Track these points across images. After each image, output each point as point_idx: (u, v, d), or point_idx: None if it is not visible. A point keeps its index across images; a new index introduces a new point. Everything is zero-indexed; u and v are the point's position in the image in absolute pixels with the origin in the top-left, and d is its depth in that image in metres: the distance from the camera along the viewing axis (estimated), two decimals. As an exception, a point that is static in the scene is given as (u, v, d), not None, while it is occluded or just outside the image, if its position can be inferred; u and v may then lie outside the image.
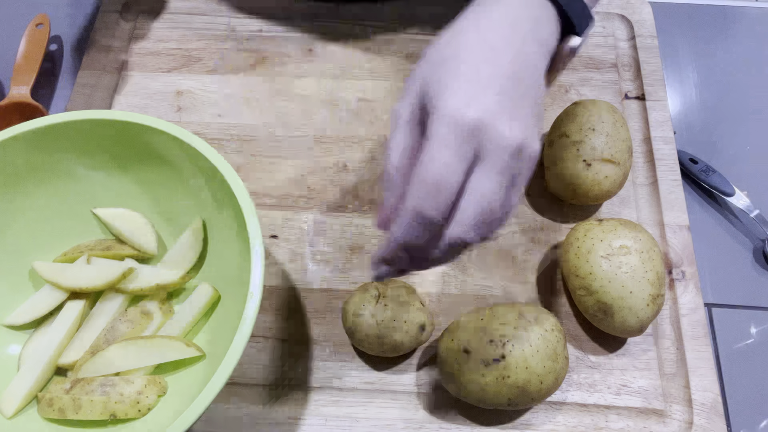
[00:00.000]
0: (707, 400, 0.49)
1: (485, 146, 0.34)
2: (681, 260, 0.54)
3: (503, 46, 0.37)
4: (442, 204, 0.34)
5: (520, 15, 0.39)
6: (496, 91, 0.35)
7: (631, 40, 0.66)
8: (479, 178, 0.34)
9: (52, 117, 0.47)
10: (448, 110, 0.34)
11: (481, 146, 0.34)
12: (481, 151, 0.34)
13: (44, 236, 0.51)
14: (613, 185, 0.53)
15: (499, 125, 0.34)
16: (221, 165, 0.45)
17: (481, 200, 0.34)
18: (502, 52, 0.37)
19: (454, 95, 0.35)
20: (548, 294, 0.53)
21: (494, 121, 0.34)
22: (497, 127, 0.34)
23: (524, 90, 0.37)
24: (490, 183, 0.34)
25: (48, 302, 0.49)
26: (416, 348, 0.50)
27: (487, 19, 0.39)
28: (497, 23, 0.38)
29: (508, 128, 0.34)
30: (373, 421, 0.48)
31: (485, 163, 0.34)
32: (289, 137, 0.61)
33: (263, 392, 0.49)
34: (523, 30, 0.39)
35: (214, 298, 0.49)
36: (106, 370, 0.46)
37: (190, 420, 0.37)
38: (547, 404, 0.49)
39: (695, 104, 0.66)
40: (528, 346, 0.44)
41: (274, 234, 0.56)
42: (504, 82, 0.36)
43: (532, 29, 0.39)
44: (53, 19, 0.67)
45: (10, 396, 0.45)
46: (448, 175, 0.34)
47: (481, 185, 0.34)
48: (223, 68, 0.65)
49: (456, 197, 0.35)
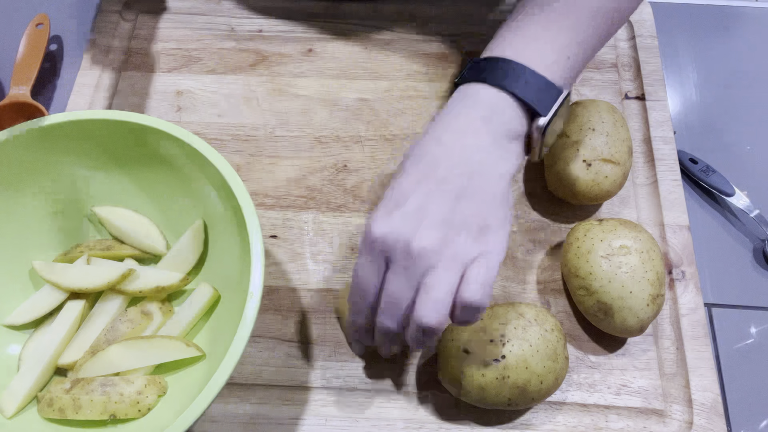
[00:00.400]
0: (707, 400, 0.49)
1: (391, 256, 0.40)
2: (681, 260, 0.54)
3: (442, 151, 0.42)
4: (370, 298, 0.42)
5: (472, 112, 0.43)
6: (409, 205, 0.41)
7: (631, 40, 0.66)
8: (386, 279, 0.41)
9: (52, 117, 0.47)
10: (366, 229, 0.41)
11: (389, 255, 0.41)
12: (389, 259, 0.41)
13: (44, 236, 0.51)
14: (613, 185, 0.53)
15: (400, 239, 0.40)
16: (221, 165, 0.45)
17: (386, 296, 0.41)
18: (439, 156, 0.42)
19: (373, 216, 0.42)
20: (548, 294, 0.53)
21: (395, 236, 0.40)
22: (397, 241, 0.40)
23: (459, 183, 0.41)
24: (391, 286, 0.41)
25: (48, 302, 0.49)
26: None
27: (442, 125, 0.44)
28: (447, 128, 0.43)
29: (410, 241, 0.40)
30: (373, 421, 0.48)
31: (390, 270, 0.41)
32: (289, 137, 0.61)
33: (263, 392, 0.49)
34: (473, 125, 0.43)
35: (214, 298, 0.49)
36: (106, 370, 0.46)
37: (190, 420, 0.37)
38: (547, 404, 0.49)
39: (695, 104, 0.66)
40: (528, 346, 0.44)
41: (274, 234, 0.56)
42: (427, 192, 0.41)
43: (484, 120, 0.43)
44: (53, 19, 0.67)
45: (10, 396, 0.45)
46: (365, 278, 0.42)
47: (386, 286, 0.41)
48: (223, 68, 0.65)
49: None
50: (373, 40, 0.66)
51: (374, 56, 0.65)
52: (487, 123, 0.43)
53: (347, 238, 0.56)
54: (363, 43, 0.66)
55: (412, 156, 0.43)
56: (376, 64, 0.65)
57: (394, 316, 0.41)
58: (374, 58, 0.65)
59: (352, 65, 0.65)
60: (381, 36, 0.67)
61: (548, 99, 0.44)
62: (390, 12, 0.68)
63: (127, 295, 0.50)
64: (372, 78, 0.64)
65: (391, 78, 0.64)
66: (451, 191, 0.41)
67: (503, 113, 0.43)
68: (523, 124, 0.44)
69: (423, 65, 0.65)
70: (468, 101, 0.44)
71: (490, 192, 0.42)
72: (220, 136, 0.61)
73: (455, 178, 0.41)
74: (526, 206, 0.57)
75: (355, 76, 0.64)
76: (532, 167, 0.59)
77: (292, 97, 0.63)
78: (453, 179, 0.41)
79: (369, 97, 0.63)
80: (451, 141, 0.43)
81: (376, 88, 0.63)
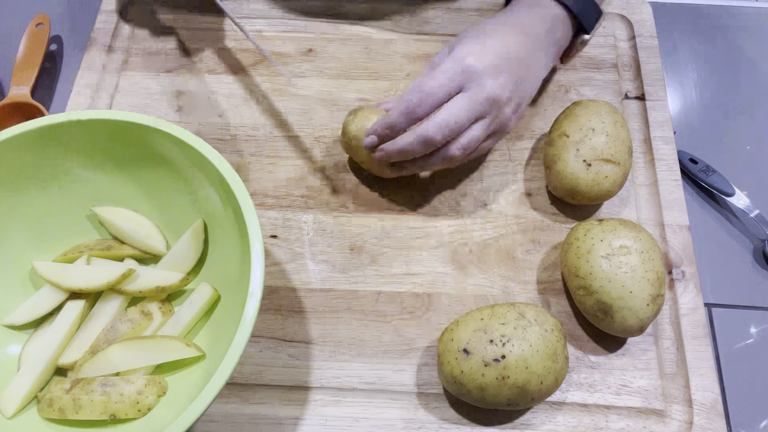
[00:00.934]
0: (707, 400, 0.49)
1: (468, 85, 0.49)
2: (681, 260, 0.54)
3: (515, 39, 0.52)
4: (427, 107, 0.49)
5: (538, 22, 0.53)
6: (495, 59, 0.50)
7: (631, 40, 0.66)
8: (454, 99, 0.49)
9: (52, 117, 0.47)
10: (456, 55, 0.50)
11: (466, 84, 0.49)
12: (465, 87, 0.49)
13: (44, 236, 0.51)
14: (613, 185, 0.53)
15: (485, 77, 0.49)
16: (221, 165, 0.45)
17: (447, 112, 0.49)
18: (513, 42, 0.52)
19: (464, 48, 0.51)
20: (548, 294, 0.53)
21: (483, 74, 0.49)
22: (482, 78, 0.49)
23: (521, 71, 0.51)
24: (458, 105, 0.49)
25: (48, 302, 0.49)
26: None
27: (512, 19, 0.54)
28: (518, 24, 0.53)
29: (491, 83, 0.49)
30: (373, 421, 0.48)
31: (463, 94, 0.49)
32: (289, 137, 0.61)
33: (264, 392, 0.49)
34: (537, 32, 0.53)
35: (214, 298, 0.49)
36: (106, 370, 0.46)
37: (190, 420, 0.37)
38: (547, 404, 0.49)
39: (695, 104, 0.66)
40: (528, 346, 0.44)
41: (274, 234, 0.56)
42: (505, 59, 0.50)
43: (547, 33, 0.53)
44: (53, 19, 0.67)
45: (10, 396, 0.45)
46: (437, 89, 0.49)
47: (452, 104, 0.49)
48: (223, 68, 0.65)
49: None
50: (373, 40, 0.66)
51: (374, 56, 0.65)
52: (548, 35, 0.54)
53: (347, 238, 0.56)
54: (363, 43, 0.66)
55: (496, 24, 0.53)
56: (376, 64, 0.65)
57: (443, 132, 0.49)
58: (374, 58, 0.65)
59: (352, 65, 0.65)
60: (381, 36, 0.67)
61: (592, 18, 0.55)
62: (390, 12, 0.68)
63: (127, 295, 0.50)
64: (372, 78, 0.64)
65: (391, 78, 0.64)
66: (522, 66, 0.51)
67: (558, 29, 0.54)
68: (568, 39, 0.56)
69: (423, 65, 0.65)
70: (536, 9, 0.54)
71: (532, 85, 0.54)
72: (220, 136, 0.61)
73: (525, 59, 0.52)
74: (526, 206, 0.57)
75: (355, 76, 0.64)
76: (532, 167, 0.59)
77: (292, 97, 0.63)
78: (523, 59, 0.52)
79: (369, 97, 0.63)
80: (526, 34, 0.53)
81: (376, 88, 0.63)
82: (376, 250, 0.55)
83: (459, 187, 0.58)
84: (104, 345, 0.47)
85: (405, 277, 0.54)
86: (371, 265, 0.54)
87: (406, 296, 0.53)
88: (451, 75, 0.49)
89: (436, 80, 0.49)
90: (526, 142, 0.60)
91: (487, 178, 0.59)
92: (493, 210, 0.57)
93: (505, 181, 0.58)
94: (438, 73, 0.49)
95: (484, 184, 0.58)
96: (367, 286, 0.54)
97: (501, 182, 0.58)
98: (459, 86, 0.49)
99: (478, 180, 0.58)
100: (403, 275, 0.54)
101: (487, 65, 0.49)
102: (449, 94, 0.49)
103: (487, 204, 0.57)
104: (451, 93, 0.49)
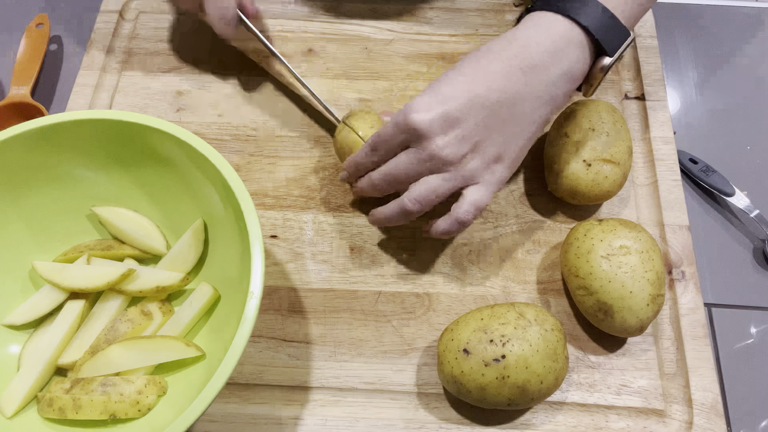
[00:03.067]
0: (707, 400, 0.49)
1: (413, 142, 0.46)
2: (681, 260, 0.54)
3: (495, 78, 0.45)
4: (381, 153, 0.48)
5: (539, 47, 0.45)
6: (448, 113, 0.44)
7: (631, 40, 0.66)
8: (402, 152, 0.47)
9: (52, 117, 0.47)
10: (408, 106, 0.45)
11: (411, 140, 0.46)
12: (411, 142, 0.46)
13: (44, 236, 0.51)
14: (613, 185, 0.53)
15: (429, 134, 0.45)
16: (221, 165, 0.45)
17: (393, 163, 0.47)
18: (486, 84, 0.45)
19: (418, 99, 0.45)
20: (548, 294, 0.53)
21: (427, 131, 0.44)
22: (426, 135, 0.45)
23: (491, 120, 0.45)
24: (402, 159, 0.47)
25: (48, 302, 0.49)
26: None
27: (503, 47, 0.46)
28: (508, 55, 0.45)
29: (436, 141, 0.45)
30: (373, 421, 0.48)
31: (408, 150, 0.46)
32: (289, 137, 0.61)
33: (264, 392, 0.49)
34: (533, 61, 0.45)
35: (214, 298, 0.49)
36: (106, 370, 0.46)
37: (190, 420, 0.37)
38: (547, 404, 0.49)
39: (695, 104, 0.66)
40: (528, 346, 0.44)
41: (274, 234, 0.56)
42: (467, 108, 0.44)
43: (552, 60, 0.45)
44: (53, 19, 0.67)
45: (10, 396, 0.45)
46: (389, 137, 0.47)
47: (397, 157, 0.47)
48: (223, 68, 0.65)
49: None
50: (373, 40, 0.66)
51: (374, 56, 0.65)
52: (552, 58, 0.45)
53: (347, 238, 0.56)
54: (363, 43, 0.66)
55: (472, 61, 0.46)
56: (376, 64, 0.65)
57: (390, 183, 0.48)
58: (374, 58, 0.65)
59: (352, 65, 0.65)
60: (381, 36, 0.67)
61: (616, 39, 0.46)
62: (390, 12, 0.68)
63: (127, 295, 0.50)
64: (372, 78, 0.64)
65: (391, 78, 0.64)
66: (491, 114, 0.45)
67: (570, 52, 0.45)
68: (586, 64, 0.46)
69: (423, 65, 0.65)
70: (540, 29, 0.46)
71: (522, 130, 0.46)
72: (220, 136, 0.61)
73: (501, 102, 0.45)
74: (526, 206, 0.57)
75: (355, 76, 0.64)
76: (532, 167, 0.59)
77: (292, 97, 0.63)
78: (499, 102, 0.45)
79: (369, 97, 0.63)
80: (512, 66, 0.45)
81: (375, 88, 0.63)
82: (376, 250, 0.55)
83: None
84: (104, 345, 0.47)
85: (405, 277, 0.54)
86: (371, 265, 0.54)
87: (406, 296, 0.53)
88: (397, 130, 0.46)
89: (388, 128, 0.47)
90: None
91: (487, 178, 0.59)
92: (493, 210, 0.57)
93: (505, 181, 0.58)
94: (388, 126, 0.47)
95: (484, 184, 0.58)
96: (367, 286, 0.54)
97: (501, 182, 0.58)
98: (405, 141, 0.46)
99: (478, 180, 0.58)
100: (403, 275, 0.54)
101: (433, 121, 0.44)
102: (399, 145, 0.47)
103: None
104: (403, 145, 0.47)
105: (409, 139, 0.46)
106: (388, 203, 0.49)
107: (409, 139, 0.46)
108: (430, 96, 0.45)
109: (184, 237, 0.51)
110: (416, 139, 0.45)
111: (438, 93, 0.45)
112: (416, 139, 0.45)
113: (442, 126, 0.44)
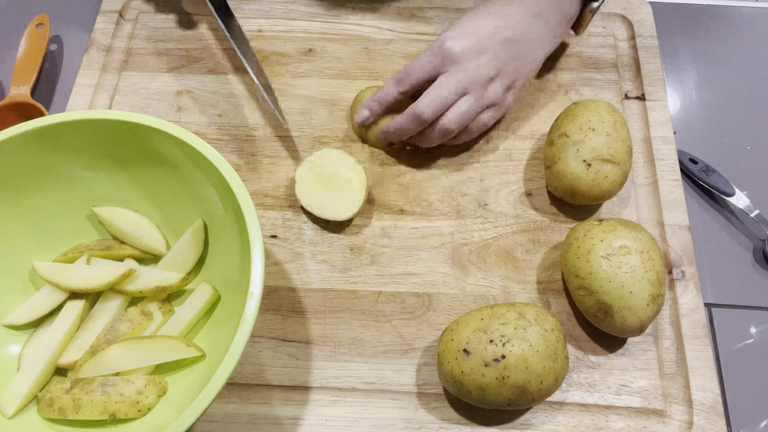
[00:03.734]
0: (707, 400, 0.49)
1: (448, 67, 0.53)
2: (681, 260, 0.54)
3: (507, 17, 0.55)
4: (408, 84, 0.55)
5: (543, 3, 0.55)
6: (475, 41, 0.53)
7: (631, 40, 0.66)
8: (438, 79, 0.54)
9: (52, 117, 0.47)
10: (439, 40, 0.54)
11: (447, 65, 0.53)
12: (446, 68, 0.53)
13: (44, 236, 0.51)
14: (613, 185, 0.53)
15: (463, 59, 0.53)
16: (221, 165, 0.45)
17: (433, 92, 0.53)
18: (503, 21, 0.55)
19: (447, 33, 0.55)
20: (548, 294, 0.53)
21: (460, 55, 0.53)
22: (460, 59, 0.53)
23: (509, 49, 0.55)
24: (440, 84, 0.53)
25: (48, 302, 0.49)
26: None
27: (516, 3, 0.56)
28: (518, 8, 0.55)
29: (469, 63, 0.53)
30: (373, 421, 0.48)
31: (444, 75, 0.54)
32: (290, 137, 0.61)
33: (264, 392, 0.49)
34: (539, 5, 0.55)
35: (214, 298, 0.49)
36: (106, 370, 0.46)
37: (190, 420, 0.37)
38: (547, 404, 0.49)
39: (695, 104, 0.66)
40: (528, 346, 0.44)
41: (274, 234, 0.56)
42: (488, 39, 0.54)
43: (551, 4, 0.56)
44: (53, 19, 0.67)
45: (10, 396, 0.45)
46: (419, 68, 0.54)
47: (435, 84, 0.54)
48: (223, 68, 0.65)
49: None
50: (373, 40, 0.66)
51: (374, 56, 0.65)
52: (554, 7, 0.56)
53: (347, 238, 0.56)
54: (363, 43, 0.66)
55: (499, 4, 0.56)
56: (376, 64, 0.65)
57: (431, 107, 0.53)
58: (374, 58, 0.65)
59: (352, 65, 0.65)
60: (381, 36, 0.67)
61: None
62: (390, 12, 0.68)
63: (127, 295, 0.50)
64: (372, 78, 0.64)
65: (391, 78, 0.64)
66: (509, 48, 0.54)
67: (567, 1, 0.56)
68: (576, 8, 0.58)
69: (423, 65, 0.65)
70: None
71: (532, 61, 0.57)
72: (220, 136, 0.61)
73: (517, 40, 0.55)
74: (526, 206, 0.57)
75: (355, 76, 0.64)
76: (532, 167, 0.59)
77: (292, 97, 0.63)
78: (515, 40, 0.55)
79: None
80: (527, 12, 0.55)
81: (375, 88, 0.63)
82: (376, 250, 0.55)
83: (459, 187, 0.58)
84: (104, 345, 0.47)
85: (405, 277, 0.54)
86: (371, 265, 0.54)
87: (406, 296, 0.53)
88: (431, 57, 0.54)
89: (418, 61, 0.54)
90: (526, 142, 0.60)
91: (487, 178, 0.59)
92: (493, 210, 0.57)
93: (504, 181, 0.58)
94: (421, 56, 0.54)
95: (484, 184, 0.58)
96: (367, 286, 0.54)
97: (501, 182, 0.58)
98: (440, 67, 0.53)
99: (478, 180, 0.58)
100: (403, 275, 0.54)
101: (465, 47, 0.53)
102: (431, 74, 0.54)
103: (487, 204, 0.57)
104: (432, 73, 0.54)
105: (443, 64, 0.53)
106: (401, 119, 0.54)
107: (442, 65, 0.53)
108: (463, 29, 0.54)
109: (184, 237, 0.51)
110: (450, 63, 0.53)
111: (469, 26, 0.54)
112: (450, 63, 0.53)
113: (473, 52, 0.53)
